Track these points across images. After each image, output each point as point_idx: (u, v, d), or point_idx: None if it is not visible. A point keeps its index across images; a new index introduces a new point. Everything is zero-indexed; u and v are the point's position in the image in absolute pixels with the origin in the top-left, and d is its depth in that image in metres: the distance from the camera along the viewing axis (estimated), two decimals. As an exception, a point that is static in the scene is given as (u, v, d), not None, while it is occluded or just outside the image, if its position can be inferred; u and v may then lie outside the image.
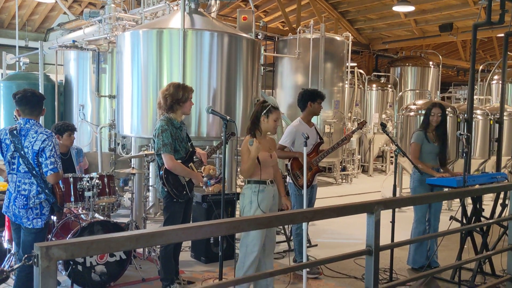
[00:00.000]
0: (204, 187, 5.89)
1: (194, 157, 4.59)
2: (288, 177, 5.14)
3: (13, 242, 4.56)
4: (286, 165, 5.17)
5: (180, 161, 4.33)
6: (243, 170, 4.13)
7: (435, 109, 5.26)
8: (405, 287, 4.17)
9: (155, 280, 4.78)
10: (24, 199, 3.66)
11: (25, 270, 3.62)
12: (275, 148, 4.47)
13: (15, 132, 3.65)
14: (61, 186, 3.75)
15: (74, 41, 7.67)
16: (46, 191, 3.66)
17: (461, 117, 8.43)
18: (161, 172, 4.34)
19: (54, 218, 4.13)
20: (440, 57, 15.59)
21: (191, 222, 4.69)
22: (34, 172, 3.63)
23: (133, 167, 5.45)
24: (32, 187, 3.66)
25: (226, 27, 6.52)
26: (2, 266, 4.55)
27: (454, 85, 18.95)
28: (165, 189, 4.32)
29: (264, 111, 4.15)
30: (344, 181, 12.54)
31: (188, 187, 4.40)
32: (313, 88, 5.65)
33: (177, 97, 4.31)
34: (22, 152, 3.60)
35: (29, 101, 3.70)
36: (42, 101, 3.83)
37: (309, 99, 5.17)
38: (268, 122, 4.18)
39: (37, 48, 7.93)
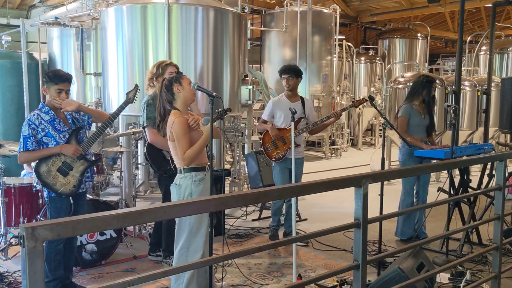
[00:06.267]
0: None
1: None
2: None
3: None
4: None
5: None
6: (191, 157, 3.40)
7: (435, 83, 5.27)
8: (393, 258, 4.23)
9: (146, 257, 4.81)
10: None
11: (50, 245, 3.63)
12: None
13: None
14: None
15: (56, 18, 7.50)
16: None
17: (449, 89, 8.45)
18: (145, 148, 4.42)
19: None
20: (428, 28, 15.54)
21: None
22: None
23: (121, 145, 5.43)
24: None
25: (211, 1, 6.41)
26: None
27: (442, 56, 18.94)
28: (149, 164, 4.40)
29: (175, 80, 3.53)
30: (333, 155, 12.60)
31: (173, 161, 4.41)
32: (286, 64, 5.59)
33: (154, 74, 4.42)
34: None
35: None
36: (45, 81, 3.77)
37: (280, 76, 5.26)
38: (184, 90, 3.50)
39: (19, 26, 7.75)
